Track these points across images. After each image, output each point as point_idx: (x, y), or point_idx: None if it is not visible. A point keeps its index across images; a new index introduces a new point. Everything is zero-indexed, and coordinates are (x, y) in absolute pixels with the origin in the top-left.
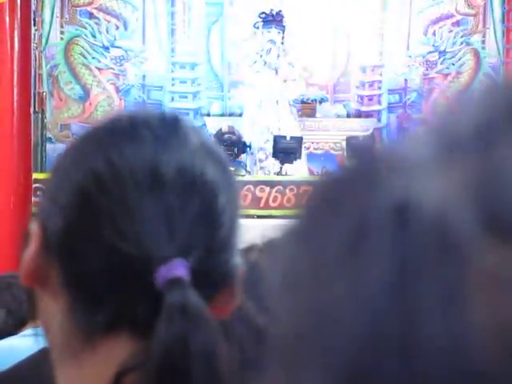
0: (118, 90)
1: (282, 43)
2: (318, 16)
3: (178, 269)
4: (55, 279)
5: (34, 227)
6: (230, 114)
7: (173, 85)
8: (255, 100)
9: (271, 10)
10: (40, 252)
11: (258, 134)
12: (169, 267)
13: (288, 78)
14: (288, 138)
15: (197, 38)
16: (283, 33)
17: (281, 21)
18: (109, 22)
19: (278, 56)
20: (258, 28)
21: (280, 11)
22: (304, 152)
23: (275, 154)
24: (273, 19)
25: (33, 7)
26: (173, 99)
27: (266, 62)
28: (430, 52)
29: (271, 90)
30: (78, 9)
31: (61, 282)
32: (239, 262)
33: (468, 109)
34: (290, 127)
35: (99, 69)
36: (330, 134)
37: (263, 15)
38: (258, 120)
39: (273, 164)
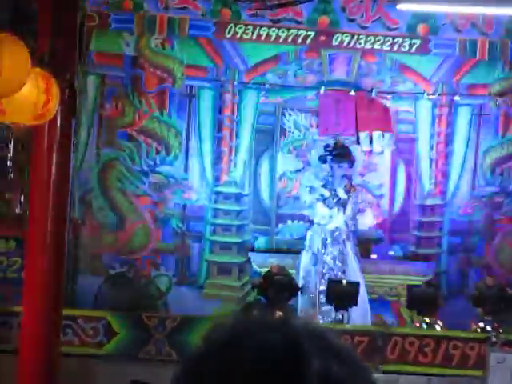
0: (155, 219)
1: (351, 179)
2: (378, 152)
3: None
4: None
5: None
6: (277, 251)
7: (215, 216)
8: (316, 237)
9: (335, 143)
10: None
11: (313, 276)
12: None
13: (352, 213)
14: (344, 283)
15: (243, 166)
16: (351, 167)
17: (350, 155)
18: (149, 145)
19: (348, 192)
20: (325, 162)
21: (345, 144)
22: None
23: (329, 300)
24: (343, 154)
25: None
26: (214, 231)
27: (338, 200)
28: (496, 193)
29: (336, 227)
30: (117, 130)
31: None
32: None
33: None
34: (353, 269)
35: (136, 195)
36: (385, 277)
37: (330, 148)
38: (316, 259)
39: (327, 311)
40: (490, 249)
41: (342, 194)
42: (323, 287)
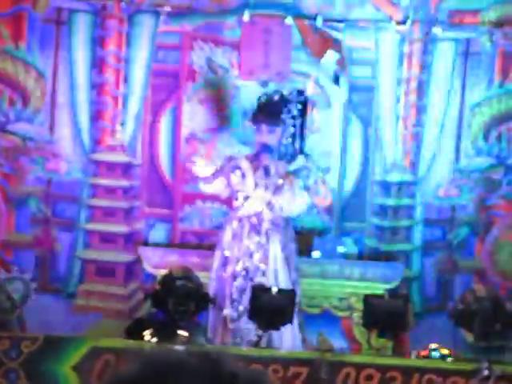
0: (7, 199)
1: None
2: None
3: None
4: None
5: None
6: (181, 246)
7: (93, 195)
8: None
9: (271, 94)
10: None
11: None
12: None
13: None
14: (274, 292)
15: (134, 124)
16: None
17: (277, 114)
18: (0, 93)
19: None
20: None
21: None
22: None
23: (254, 315)
24: (268, 111)
25: None
26: (92, 217)
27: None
28: (492, 166)
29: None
30: None
31: None
32: None
33: None
34: (279, 271)
35: None
36: (333, 284)
37: (260, 103)
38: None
39: (246, 330)
40: (483, 246)
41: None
42: (235, 296)
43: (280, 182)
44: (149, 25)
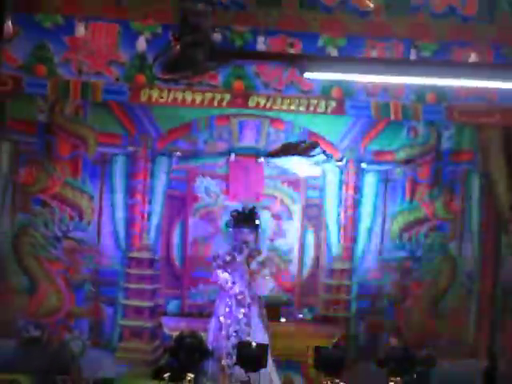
0: (69, 284)
1: (255, 242)
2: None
3: None
4: None
5: None
6: (189, 314)
7: (128, 281)
8: (221, 303)
9: (243, 208)
10: None
11: (220, 341)
12: None
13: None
14: (253, 346)
15: (155, 232)
16: (256, 231)
17: (253, 220)
18: (63, 211)
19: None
20: (229, 227)
21: (252, 210)
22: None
23: (239, 363)
24: (245, 219)
25: None
26: (128, 296)
27: (236, 261)
28: (405, 258)
29: (240, 290)
30: (31, 196)
31: None
32: None
33: None
34: (259, 332)
35: (49, 260)
36: (294, 340)
37: (234, 213)
38: (225, 325)
39: (236, 374)
40: (399, 313)
41: (238, 259)
42: (230, 351)
43: (258, 270)
44: (165, 164)
